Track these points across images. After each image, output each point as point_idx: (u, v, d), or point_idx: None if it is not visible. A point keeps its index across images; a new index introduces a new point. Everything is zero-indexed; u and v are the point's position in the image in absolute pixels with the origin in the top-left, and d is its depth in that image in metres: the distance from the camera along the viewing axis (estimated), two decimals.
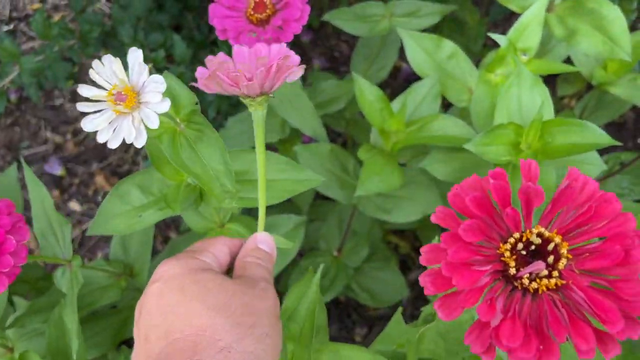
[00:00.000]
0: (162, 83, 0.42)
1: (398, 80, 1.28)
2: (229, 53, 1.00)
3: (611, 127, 1.20)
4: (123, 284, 0.76)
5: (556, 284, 0.35)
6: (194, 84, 0.45)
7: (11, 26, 1.39)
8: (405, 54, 0.76)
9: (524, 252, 0.36)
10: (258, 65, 0.42)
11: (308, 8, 0.60)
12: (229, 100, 0.99)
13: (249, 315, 0.39)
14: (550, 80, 1.13)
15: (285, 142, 0.89)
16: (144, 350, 0.39)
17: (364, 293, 0.93)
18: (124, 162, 1.24)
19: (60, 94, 1.26)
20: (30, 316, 0.72)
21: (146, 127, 0.43)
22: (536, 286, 0.35)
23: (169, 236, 1.15)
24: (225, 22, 0.59)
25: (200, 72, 0.44)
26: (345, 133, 1.05)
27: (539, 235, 0.36)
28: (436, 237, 0.42)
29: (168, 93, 0.50)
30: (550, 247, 0.36)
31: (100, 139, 0.44)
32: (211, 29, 1.13)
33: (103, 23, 1.07)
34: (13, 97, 1.27)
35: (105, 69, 0.44)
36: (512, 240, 0.36)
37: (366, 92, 0.70)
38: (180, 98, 0.51)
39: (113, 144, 0.44)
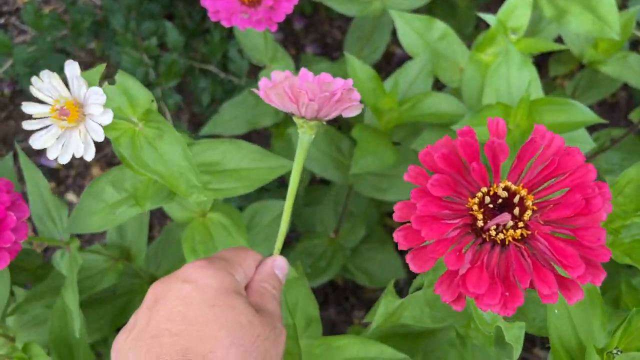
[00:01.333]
0: (101, 95, 0.42)
1: (392, 65, 1.29)
2: (222, 37, 1.00)
3: (604, 107, 1.21)
4: (121, 267, 0.76)
5: (522, 235, 0.36)
6: (255, 90, 0.45)
7: (2, 20, 1.39)
8: (397, 29, 0.76)
9: (491, 206, 0.37)
10: (323, 89, 0.42)
11: None
12: (223, 87, 1.00)
13: None
14: (542, 61, 1.14)
15: (279, 126, 0.89)
16: (147, 345, 0.37)
17: (361, 274, 0.94)
18: None
19: None
20: (31, 302, 0.72)
21: (104, 130, 0.43)
22: (503, 237, 0.36)
23: (166, 224, 1.16)
24: (218, 3, 0.59)
25: (263, 82, 0.45)
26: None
27: (506, 188, 0.37)
28: None
29: (124, 93, 0.51)
30: (516, 199, 0.37)
31: (50, 156, 0.43)
32: (203, 16, 1.13)
33: (94, 13, 1.07)
34: (7, 90, 1.27)
35: (45, 84, 0.43)
36: (480, 194, 0.37)
37: (358, 71, 0.70)
38: (138, 97, 0.51)
39: (63, 160, 0.43)
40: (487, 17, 0.69)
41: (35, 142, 0.43)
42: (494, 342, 0.62)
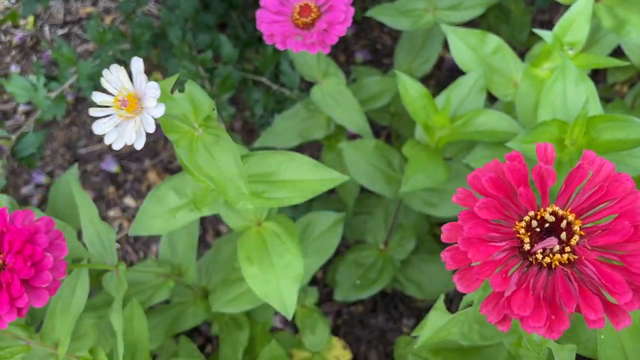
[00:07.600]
0: (156, 89, 0.45)
1: (442, 71, 1.27)
2: (274, 50, 1.01)
3: None
4: (172, 284, 0.79)
5: (569, 259, 0.37)
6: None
7: (66, 30, 1.46)
8: (449, 44, 0.76)
9: (538, 230, 0.38)
10: None
11: (352, 10, 0.62)
12: (274, 98, 1.02)
13: None
14: (601, 68, 1.10)
15: (330, 139, 0.90)
16: None
17: (411, 285, 0.94)
18: (175, 158, 1.28)
19: None
20: (87, 312, 0.76)
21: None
22: (549, 261, 0.37)
23: (219, 230, 1.19)
24: (273, 27, 0.60)
25: None
26: (390, 127, 1.05)
27: (553, 213, 0.38)
28: None
29: (190, 100, 0.53)
30: (564, 224, 0.37)
31: (107, 141, 0.46)
32: (256, 26, 1.15)
33: (152, 25, 1.10)
34: (70, 98, 1.33)
35: (114, 77, 0.46)
36: (527, 218, 0.38)
37: (409, 88, 0.70)
38: (201, 103, 0.53)
39: (117, 146, 0.46)
40: (543, 34, 0.67)
41: (98, 128, 0.47)
42: None
